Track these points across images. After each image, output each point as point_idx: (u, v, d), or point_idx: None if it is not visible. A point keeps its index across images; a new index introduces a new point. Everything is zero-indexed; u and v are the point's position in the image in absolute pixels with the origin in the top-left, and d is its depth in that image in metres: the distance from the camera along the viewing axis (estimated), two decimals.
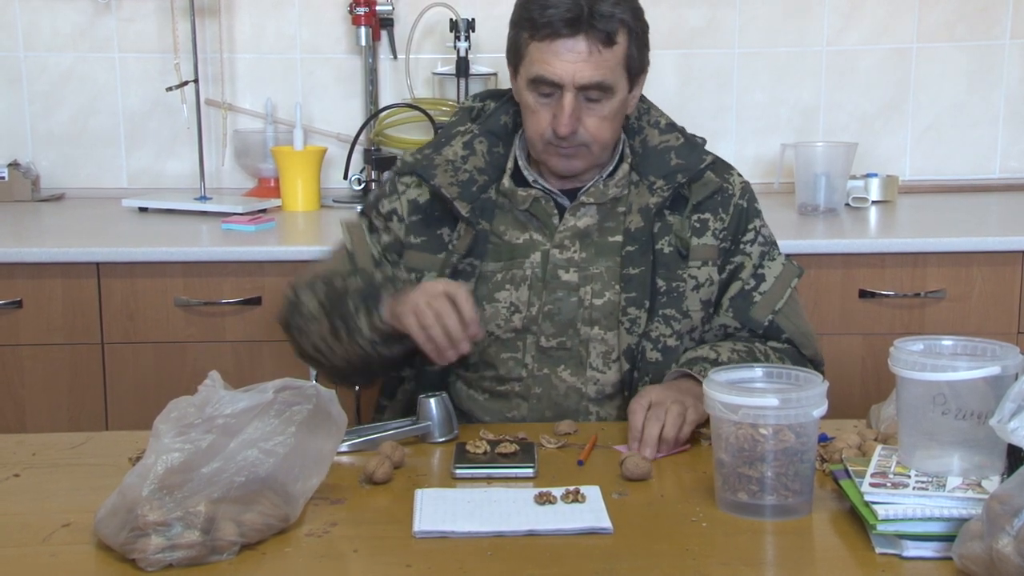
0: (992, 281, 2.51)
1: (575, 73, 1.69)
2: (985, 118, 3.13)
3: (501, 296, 1.77)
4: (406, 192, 1.83)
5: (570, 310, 1.76)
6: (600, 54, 1.69)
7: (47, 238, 2.66)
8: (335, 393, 1.41)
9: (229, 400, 1.31)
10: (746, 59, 3.11)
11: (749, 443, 1.32)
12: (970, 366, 1.28)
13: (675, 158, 1.81)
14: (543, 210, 1.79)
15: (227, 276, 2.48)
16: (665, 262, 1.77)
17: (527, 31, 1.72)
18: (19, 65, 3.09)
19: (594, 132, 1.74)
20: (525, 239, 1.79)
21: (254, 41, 3.09)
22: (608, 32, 1.68)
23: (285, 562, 1.25)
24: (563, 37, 1.68)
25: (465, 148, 1.82)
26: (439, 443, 1.60)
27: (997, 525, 1.13)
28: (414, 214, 1.81)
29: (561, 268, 1.77)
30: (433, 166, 1.80)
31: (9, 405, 2.50)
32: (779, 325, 1.80)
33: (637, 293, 1.76)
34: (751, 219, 1.84)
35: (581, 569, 1.23)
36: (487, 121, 1.85)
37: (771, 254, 1.84)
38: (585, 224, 1.78)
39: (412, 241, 1.81)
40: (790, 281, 1.83)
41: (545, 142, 1.75)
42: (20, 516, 1.37)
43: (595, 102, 1.72)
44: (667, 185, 1.78)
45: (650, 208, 1.78)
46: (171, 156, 3.12)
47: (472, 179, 1.79)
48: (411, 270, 1.79)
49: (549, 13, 1.68)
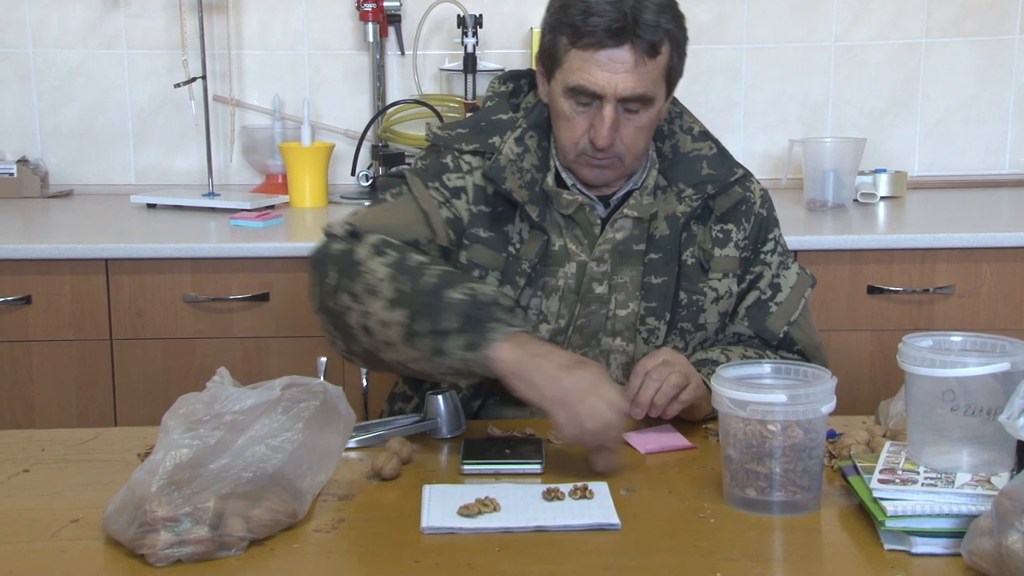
0: (1001, 277, 2.51)
1: (618, 84, 1.62)
2: (995, 113, 3.13)
3: (529, 302, 1.72)
4: (472, 174, 1.72)
5: (598, 323, 1.74)
6: (644, 65, 1.62)
7: (56, 234, 2.67)
8: (343, 389, 1.41)
9: (237, 396, 1.31)
10: (754, 54, 3.11)
11: (757, 439, 1.32)
12: (979, 362, 1.28)
13: (707, 168, 1.75)
14: (586, 218, 1.72)
15: (235, 272, 2.48)
16: (688, 274, 1.73)
17: (568, 37, 1.64)
18: (28, 62, 3.09)
19: (629, 143, 1.68)
20: (561, 246, 1.72)
21: (262, 37, 3.09)
22: (653, 42, 1.61)
23: (293, 558, 1.25)
24: (607, 47, 1.61)
25: (518, 144, 1.73)
26: (447, 439, 1.60)
27: (1006, 521, 1.12)
28: (480, 203, 1.71)
29: (595, 281, 1.73)
30: (501, 168, 1.69)
31: (18, 401, 2.50)
32: (793, 337, 1.78)
33: (658, 304, 1.72)
34: (771, 228, 1.82)
35: (589, 565, 1.23)
36: (532, 114, 1.75)
37: (786, 263, 1.82)
38: (623, 236, 1.73)
39: (479, 234, 1.70)
40: (804, 291, 1.80)
41: (579, 151, 1.69)
42: (29, 511, 1.38)
43: (634, 113, 1.65)
44: (696, 195, 1.73)
45: (678, 217, 1.73)
46: (179, 152, 3.13)
47: (533, 179, 1.71)
48: (474, 265, 1.69)
49: (593, 21, 1.60)
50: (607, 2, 1.61)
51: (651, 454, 1.54)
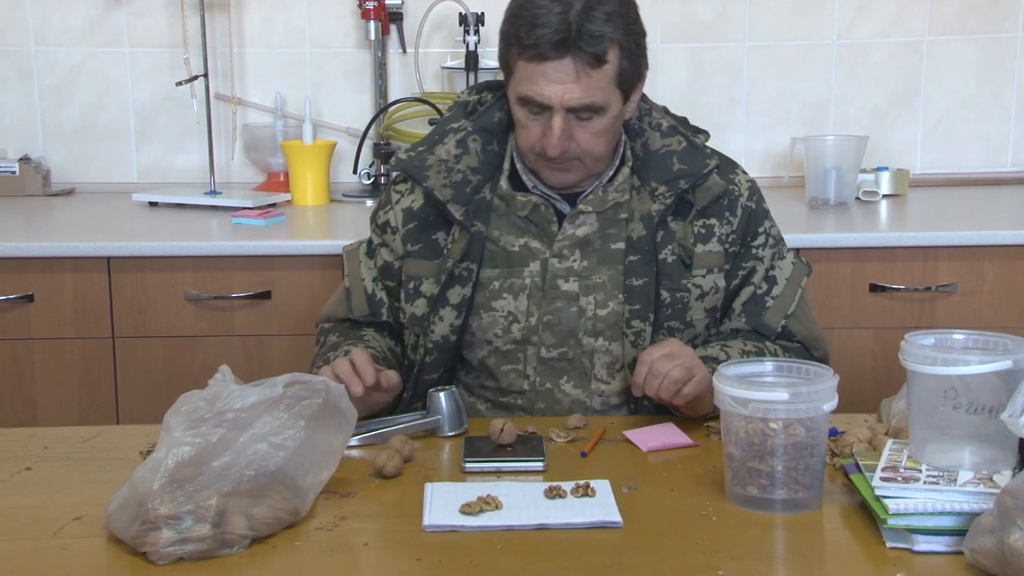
0: (1004, 275, 2.50)
1: (563, 95, 1.62)
2: (997, 111, 3.12)
3: (499, 305, 1.74)
4: (400, 201, 1.81)
5: (570, 320, 1.74)
6: (589, 76, 1.62)
7: (58, 232, 2.67)
8: (344, 388, 1.41)
9: (239, 394, 1.31)
10: (756, 52, 3.10)
11: (759, 437, 1.32)
12: (982, 360, 1.28)
13: (677, 163, 1.75)
14: (542, 217, 1.75)
15: (237, 270, 2.48)
16: (668, 272, 1.73)
17: (516, 48, 1.65)
18: (30, 60, 3.09)
19: (586, 147, 1.69)
20: (522, 246, 1.75)
21: (263, 35, 3.09)
22: (596, 54, 1.61)
23: (295, 556, 1.26)
24: (551, 59, 1.61)
25: (459, 147, 1.76)
26: (449, 437, 1.60)
27: (1009, 519, 1.12)
28: (409, 222, 1.79)
29: (560, 278, 1.74)
30: (425, 167, 1.75)
31: (20, 399, 2.50)
32: (791, 329, 1.78)
33: (641, 305, 1.72)
34: (760, 221, 1.80)
35: (591, 563, 1.23)
36: (481, 118, 1.79)
37: (780, 253, 1.81)
38: (584, 233, 1.74)
39: (409, 249, 1.78)
40: (800, 281, 1.80)
41: (536, 155, 1.71)
42: (32, 509, 1.38)
43: (586, 120, 1.67)
44: (669, 192, 1.73)
45: (652, 216, 1.72)
46: (181, 150, 3.13)
47: (466, 179, 1.75)
48: (410, 278, 1.78)
49: (536, 33, 1.60)
50: (553, 12, 1.61)
51: (653, 452, 1.54)
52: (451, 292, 1.74)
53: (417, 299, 1.77)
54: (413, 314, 1.78)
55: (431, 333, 1.75)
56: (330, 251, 2.46)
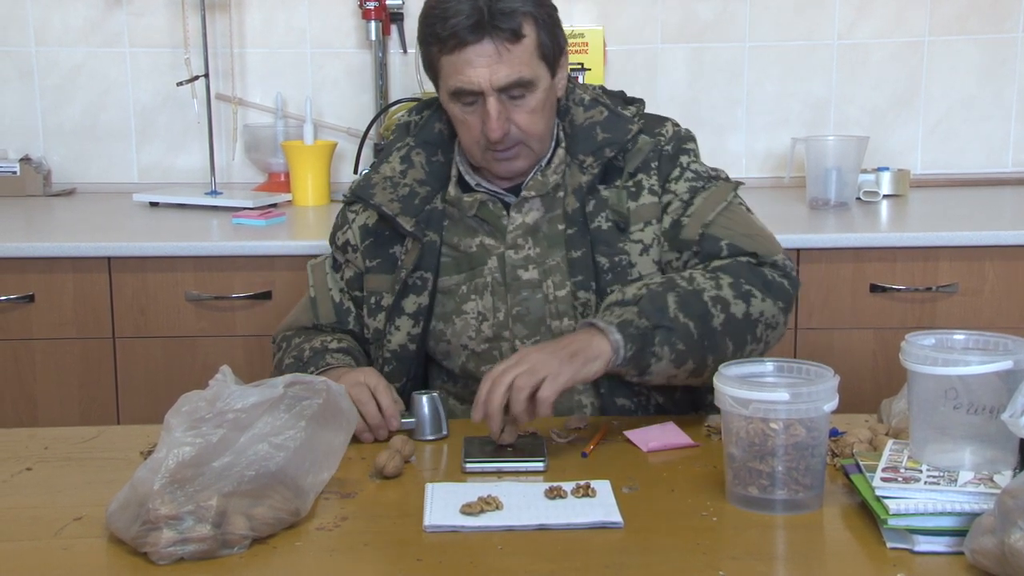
0: (1004, 275, 2.50)
1: (490, 76, 1.67)
2: (997, 112, 3.12)
3: (468, 307, 1.77)
4: (356, 219, 1.85)
5: (538, 307, 1.75)
6: (510, 52, 1.66)
7: (58, 232, 2.67)
8: (345, 388, 1.41)
9: (240, 394, 1.31)
10: (757, 52, 3.10)
11: (760, 438, 1.32)
12: (982, 360, 1.28)
13: (601, 132, 1.77)
14: (491, 212, 1.77)
15: (238, 271, 2.48)
16: (604, 239, 1.73)
17: (435, 46, 1.71)
18: (30, 60, 3.10)
19: (526, 127, 1.72)
20: (478, 245, 1.77)
21: (264, 36, 3.09)
22: (512, 29, 1.66)
23: (296, 556, 1.26)
24: (470, 44, 1.66)
25: (403, 162, 1.81)
26: (428, 441, 1.60)
27: (1009, 520, 1.12)
28: (366, 238, 1.83)
29: (520, 268, 1.76)
30: (371, 185, 1.79)
31: (21, 399, 2.51)
32: (714, 236, 1.70)
33: (583, 276, 1.73)
34: (676, 158, 1.77)
35: (591, 563, 1.23)
36: (421, 132, 1.84)
37: (705, 187, 1.75)
38: (533, 219, 1.76)
39: (369, 265, 1.82)
40: (724, 197, 1.74)
41: (482, 149, 1.74)
42: (32, 509, 1.38)
43: (519, 98, 1.70)
44: (596, 161, 1.75)
45: (582, 187, 1.75)
46: (181, 151, 3.13)
47: (413, 192, 1.78)
48: (371, 293, 1.81)
49: (451, 24, 1.66)
50: (463, 1, 1.66)
51: (653, 452, 1.54)
52: (406, 302, 1.78)
53: (378, 313, 1.81)
54: (376, 328, 1.81)
55: (388, 343, 1.79)
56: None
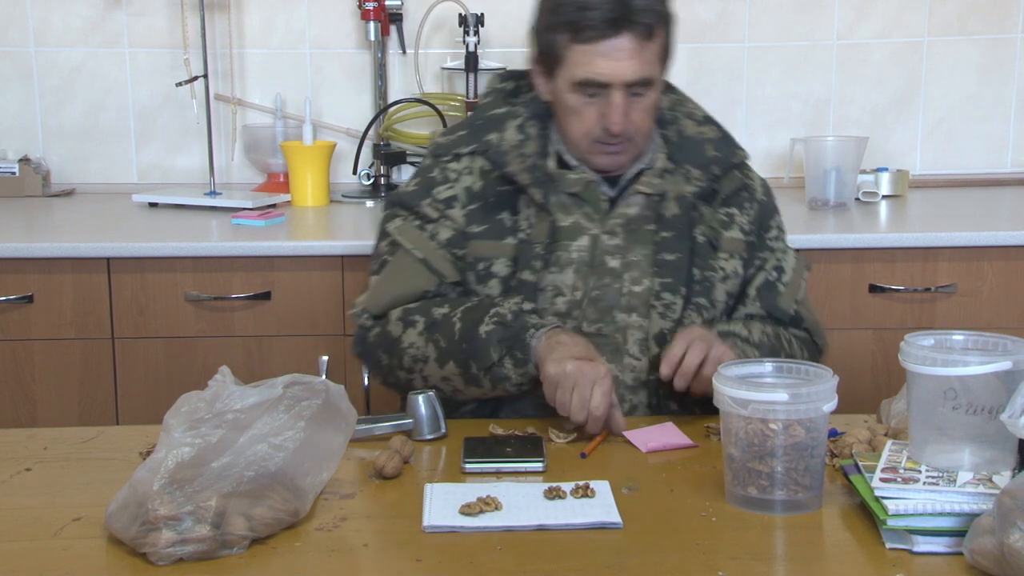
0: (1003, 276, 2.51)
1: (624, 71, 1.71)
2: (997, 112, 3.12)
3: (547, 279, 1.76)
4: (460, 179, 1.82)
5: (611, 297, 1.77)
6: (644, 49, 1.71)
7: (58, 233, 2.67)
8: (344, 388, 1.41)
9: (239, 395, 1.31)
10: (756, 53, 3.10)
11: (759, 438, 1.32)
12: (981, 361, 1.28)
13: (712, 150, 1.85)
14: (593, 195, 1.80)
15: (237, 271, 2.48)
16: (700, 251, 1.80)
17: (566, 34, 1.72)
18: (30, 60, 3.10)
19: (639, 124, 1.77)
20: (573, 222, 1.79)
21: (263, 36, 3.09)
22: (649, 25, 1.71)
23: (295, 556, 1.26)
24: (608, 37, 1.69)
25: (520, 132, 1.82)
26: (427, 440, 1.60)
27: (1009, 520, 1.12)
28: (472, 202, 1.81)
29: (608, 255, 1.78)
30: (503, 153, 1.80)
31: (20, 399, 2.51)
32: (801, 314, 1.87)
33: (673, 279, 1.78)
34: (772, 214, 1.90)
35: (591, 564, 1.23)
36: (532, 105, 1.85)
37: (787, 247, 1.91)
38: (635, 212, 1.80)
39: (474, 230, 1.79)
40: (803, 273, 1.90)
41: (592, 141, 1.77)
42: (31, 510, 1.38)
43: (639, 96, 1.75)
44: (704, 176, 1.82)
45: (687, 197, 1.81)
46: (181, 151, 3.13)
47: (535, 164, 1.80)
48: (478, 260, 1.78)
49: (590, 15, 1.69)
50: None
51: (653, 452, 1.54)
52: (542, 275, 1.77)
53: (489, 280, 1.78)
54: (488, 295, 1.78)
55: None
56: (330, 252, 2.46)
